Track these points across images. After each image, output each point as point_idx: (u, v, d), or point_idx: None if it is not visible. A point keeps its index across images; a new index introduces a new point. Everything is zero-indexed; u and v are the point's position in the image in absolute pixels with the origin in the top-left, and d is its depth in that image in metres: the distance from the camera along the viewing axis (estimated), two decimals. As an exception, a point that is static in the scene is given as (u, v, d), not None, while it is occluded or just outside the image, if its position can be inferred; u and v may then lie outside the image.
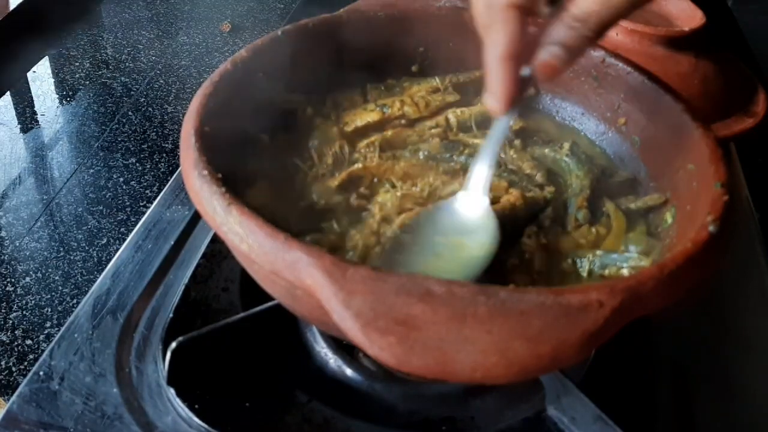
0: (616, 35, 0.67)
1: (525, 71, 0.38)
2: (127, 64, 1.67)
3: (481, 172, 0.43)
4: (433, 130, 0.52)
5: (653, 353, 0.52)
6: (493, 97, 0.38)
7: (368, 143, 0.51)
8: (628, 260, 0.42)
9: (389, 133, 0.52)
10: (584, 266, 0.42)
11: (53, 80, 1.64)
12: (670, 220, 0.44)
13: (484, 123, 0.53)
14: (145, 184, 1.31)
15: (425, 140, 0.51)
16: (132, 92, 1.56)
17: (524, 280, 0.41)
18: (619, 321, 0.31)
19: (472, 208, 0.42)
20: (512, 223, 0.44)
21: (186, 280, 0.53)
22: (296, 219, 0.44)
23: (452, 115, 0.53)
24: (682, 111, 0.46)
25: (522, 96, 0.39)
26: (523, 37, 0.37)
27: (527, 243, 0.43)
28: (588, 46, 0.37)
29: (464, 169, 0.48)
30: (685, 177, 0.43)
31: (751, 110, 0.67)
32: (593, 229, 0.45)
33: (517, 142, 0.52)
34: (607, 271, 0.42)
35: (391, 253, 0.41)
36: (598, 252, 0.43)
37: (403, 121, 0.53)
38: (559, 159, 0.50)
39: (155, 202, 0.62)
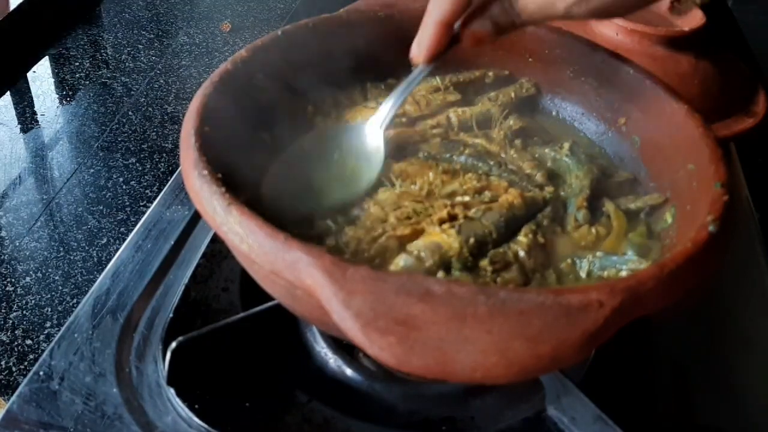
0: (616, 35, 0.67)
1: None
2: (127, 64, 1.67)
3: (385, 109, 0.47)
4: (434, 130, 0.52)
5: (653, 353, 0.52)
6: (420, 48, 0.43)
7: (368, 143, 0.50)
8: (627, 263, 0.42)
9: (390, 132, 0.52)
10: (583, 267, 0.42)
11: (53, 80, 1.64)
12: (670, 220, 0.44)
13: (485, 123, 0.53)
14: (145, 184, 1.31)
15: (426, 140, 0.51)
16: (132, 92, 1.56)
17: (520, 279, 0.41)
18: (619, 321, 0.31)
19: (371, 138, 0.47)
20: (511, 223, 0.44)
21: (186, 280, 0.53)
22: (295, 219, 0.44)
23: (453, 115, 0.53)
24: (682, 111, 0.46)
25: (445, 54, 0.43)
26: (466, 8, 0.41)
27: (523, 242, 0.43)
28: (515, 30, 0.41)
29: (464, 169, 0.48)
30: (685, 177, 0.43)
31: (751, 110, 0.67)
32: (593, 230, 0.45)
33: (517, 142, 0.51)
34: (605, 273, 0.42)
35: (290, 157, 0.47)
36: (598, 253, 0.43)
37: (404, 120, 0.53)
38: (559, 159, 0.50)
39: (155, 202, 0.62)
